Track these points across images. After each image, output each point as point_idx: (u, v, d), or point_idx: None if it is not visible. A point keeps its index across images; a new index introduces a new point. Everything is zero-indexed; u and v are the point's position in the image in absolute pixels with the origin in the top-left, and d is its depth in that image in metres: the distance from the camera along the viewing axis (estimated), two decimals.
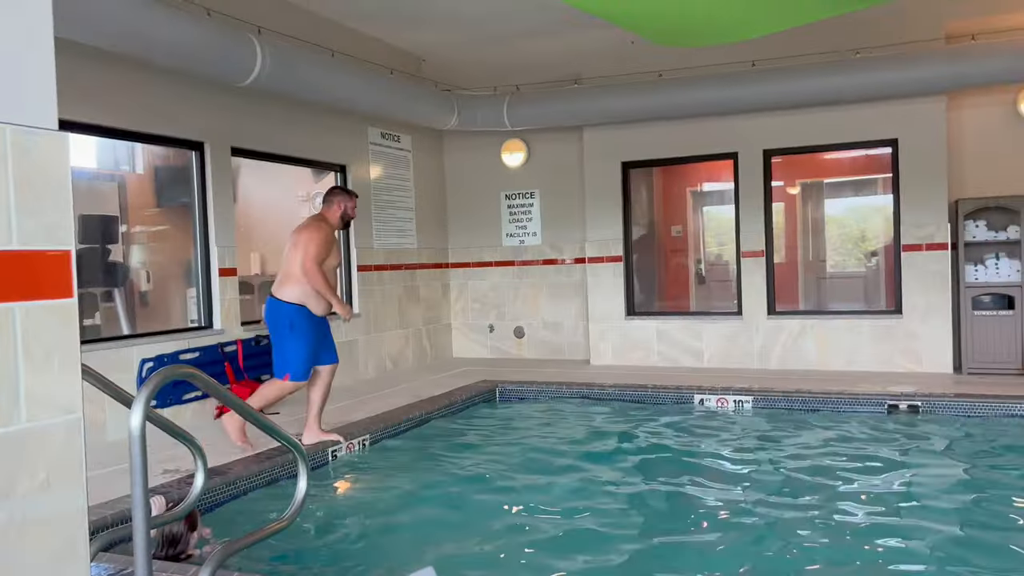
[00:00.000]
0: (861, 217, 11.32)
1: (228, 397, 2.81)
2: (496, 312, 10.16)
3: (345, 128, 8.33)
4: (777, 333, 8.57)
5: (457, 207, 10.29)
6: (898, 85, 7.58)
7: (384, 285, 8.96)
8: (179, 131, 6.49)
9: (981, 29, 7.68)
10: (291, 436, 2.99)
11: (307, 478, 2.93)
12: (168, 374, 2.37)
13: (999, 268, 7.71)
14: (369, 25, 8.13)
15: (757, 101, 8.09)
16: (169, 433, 2.97)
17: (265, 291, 8.88)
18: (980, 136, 8.11)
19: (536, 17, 7.67)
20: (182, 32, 5.53)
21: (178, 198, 7.19)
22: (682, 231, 11.21)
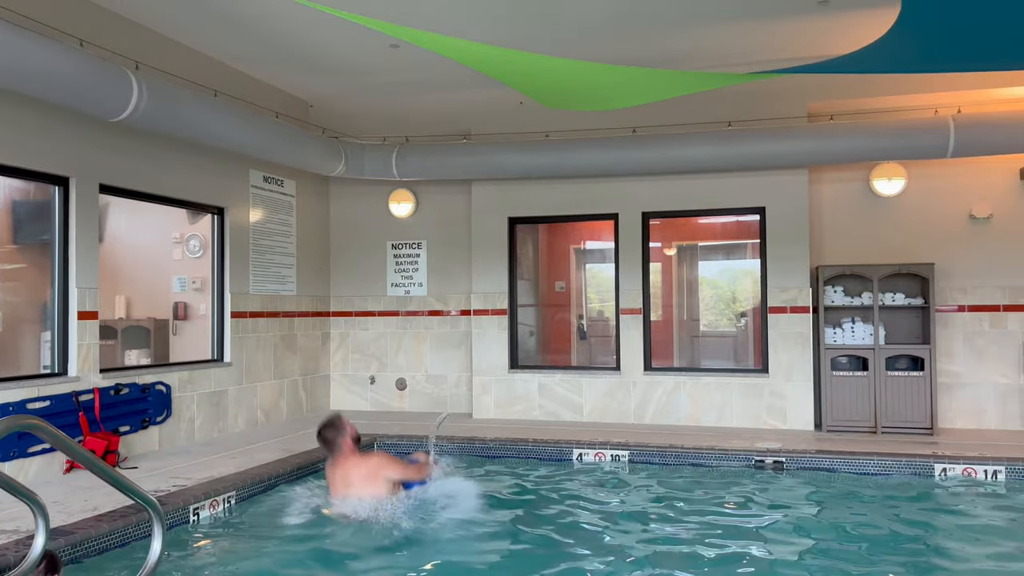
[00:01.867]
0: (732, 279, 11.90)
1: (77, 451, 2.59)
2: (378, 363, 9.98)
3: (225, 169, 8.08)
4: (653, 389, 8.80)
5: (341, 255, 10.12)
6: (765, 157, 8.09)
7: (259, 333, 8.63)
8: (42, 164, 6.10)
9: (839, 110, 8.34)
10: (146, 493, 2.79)
11: (162, 539, 2.73)
12: (10, 424, 2.17)
13: (855, 331, 8.24)
14: (256, 68, 7.99)
15: (637, 165, 8.43)
16: (7, 490, 2.70)
17: (131, 335, 8.44)
18: (838, 208, 8.73)
19: (427, 72, 7.77)
20: (51, 62, 5.24)
21: (38, 235, 6.73)
22: (565, 287, 11.43)
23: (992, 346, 8.28)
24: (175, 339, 8.56)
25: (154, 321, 8.46)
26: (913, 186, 8.47)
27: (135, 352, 8.23)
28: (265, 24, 6.73)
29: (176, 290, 8.56)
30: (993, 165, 8.27)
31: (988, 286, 8.31)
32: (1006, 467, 6.55)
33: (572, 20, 6.44)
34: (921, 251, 8.39)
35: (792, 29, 6.62)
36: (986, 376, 8.29)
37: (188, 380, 7.55)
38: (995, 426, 8.25)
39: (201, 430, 7.69)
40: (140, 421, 6.91)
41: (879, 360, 8.08)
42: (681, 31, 6.69)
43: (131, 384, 6.82)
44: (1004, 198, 8.30)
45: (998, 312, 8.28)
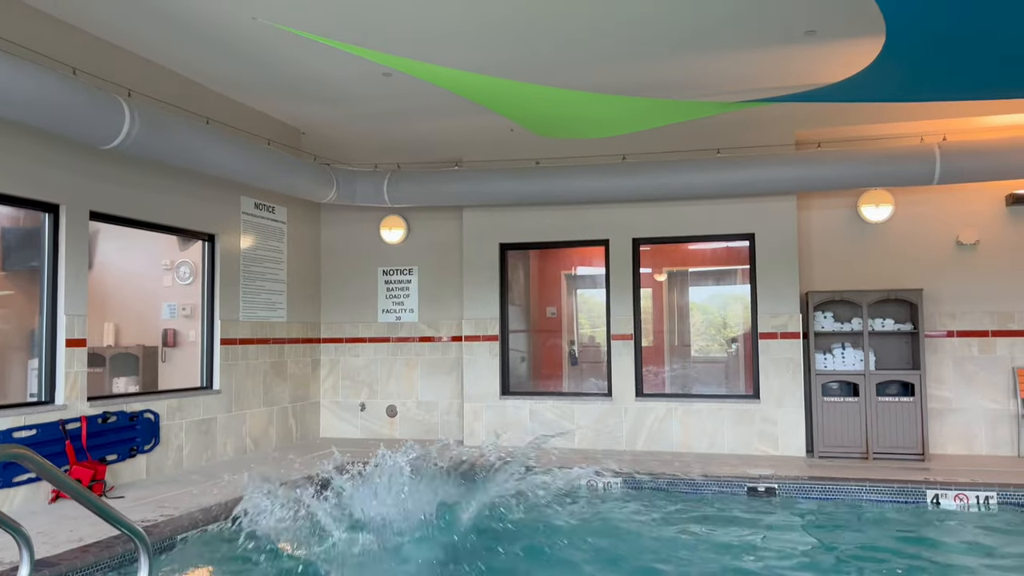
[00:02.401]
0: (722, 304, 11.93)
1: (63, 481, 2.57)
2: (368, 390, 9.93)
3: (217, 196, 8.09)
4: (645, 415, 8.78)
5: (332, 280, 10.11)
6: (753, 184, 8.15)
7: (249, 360, 8.59)
8: (33, 191, 6.09)
9: (826, 138, 8.44)
10: (133, 523, 2.76)
11: (149, 570, 2.69)
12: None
13: (845, 357, 8.27)
14: (249, 96, 8.03)
15: (627, 192, 8.48)
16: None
17: (119, 363, 8.38)
18: (827, 234, 8.80)
19: (419, 100, 7.82)
20: (44, 90, 5.25)
21: (27, 262, 6.70)
22: (557, 312, 11.44)
23: (982, 371, 8.32)
24: (164, 366, 8.50)
25: (143, 348, 8.41)
26: (901, 212, 8.55)
27: (123, 379, 8.16)
28: (258, 52, 6.77)
29: (166, 317, 8.52)
30: (979, 192, 8.36)
31: (977, 311, 8.36)
32: (998, 493, 6.55)
33: (560, 49, 6.51)
34: (909, 277, 8.44)
35: (779, 58, 6.71)
36: (976, 401, 8.31)
37: (177, 408, 7.49)
38: (986, 451, 8.25)
39: (189, 458, 7.62)
40: (128, 450, 6.84)
41: (869, 386, 8.09)
42: (669, 60, 6.77)
43: (119, 412, 6.76)
44: (990, 224, 8.38)
45: (987, 337, 8.33)
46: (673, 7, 5.72)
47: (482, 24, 6.00)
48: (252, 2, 5.67)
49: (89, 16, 6.07)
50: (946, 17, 4.00)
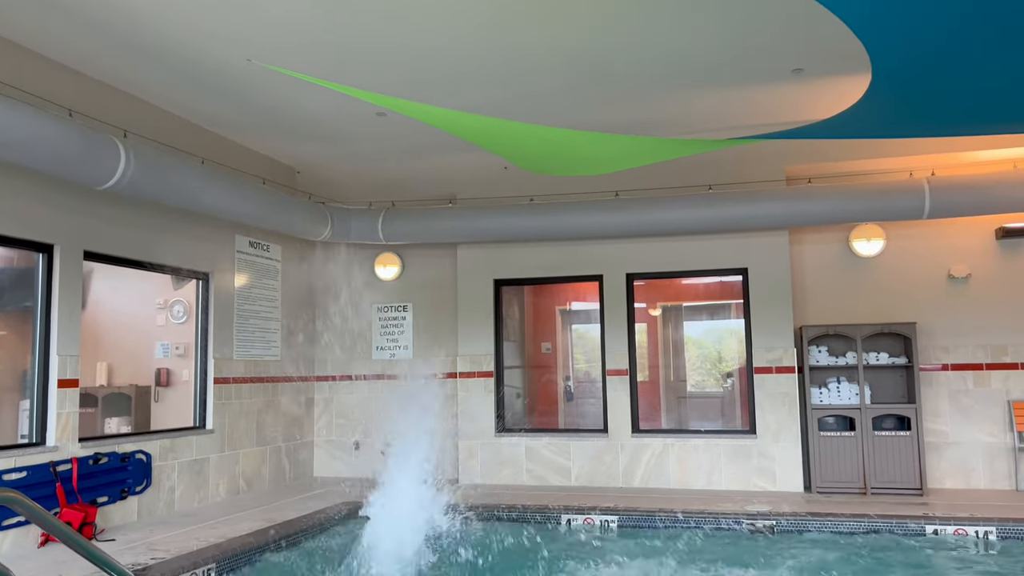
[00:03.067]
0: (717, 339, 11.94)
1: (52, 524, 2.55)
2: (362, 428, 9.86)
3: (211, 235, 8.10)
4: (641, 451, 8.72)
5: (326, 318, 10.08)
6: (745, 219, 8.21)
7: (242, 399, 8.53)
8: (27, 231, 6.09)
9: (816, 173, 8.52)
10: (122, 567, 2.72)
11: None
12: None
13: (840, 391, 8.25)
14: (244, 135, 8.09)
15: (620, 228, 8.53)
16: None
17: (112, 403, 8.31)
18: (820, 268, 8.84)
19: (413, 138, 7.89)
20: (41, 132, 5.29)
21: (20, 302, 6.68)
22: (552, 348, 11.42)
23: (977, 404, 8.31)
24: (157, 406, 8.44)
25: (136, 388, 8.35)
26: (892, 246, 8.61)
27: (115, 420, 8.10)
28: (253, 93, 6.84)
29: (159, 356, 8.48)
30: (969, 225, 8.43)
31: (970, 345, 8.38)
32: (997, 527, 6.50)
33: (552, 90, 6.59)
34: (903, 310, 8.47)
35: (768, 96, 6.80)
36: (973, 435, 8.29)
37: (169, 448, 7.42)
38: (984, 485, 8.21)
39: (181, 500, 7.53)
40: (119, 491, 6.76)
41: (866, 420, 8.07)
42: (659, 99, 6.85)
43: (110, 453, 6.70)
44: (981, 258, 8.44)
45: (981, 370, 8.33)
46: (662, 49, 5.81)
47: (476, 67, 6.08)
48: (247, 44, 5.75)
49: (85, 58, 6.14)
50: (930, 55, 4.08)
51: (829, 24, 5.16)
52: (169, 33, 5.60)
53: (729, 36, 5.60)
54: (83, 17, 5.35)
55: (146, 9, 5.22)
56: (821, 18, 5.11)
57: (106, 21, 5.42)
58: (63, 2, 5.14)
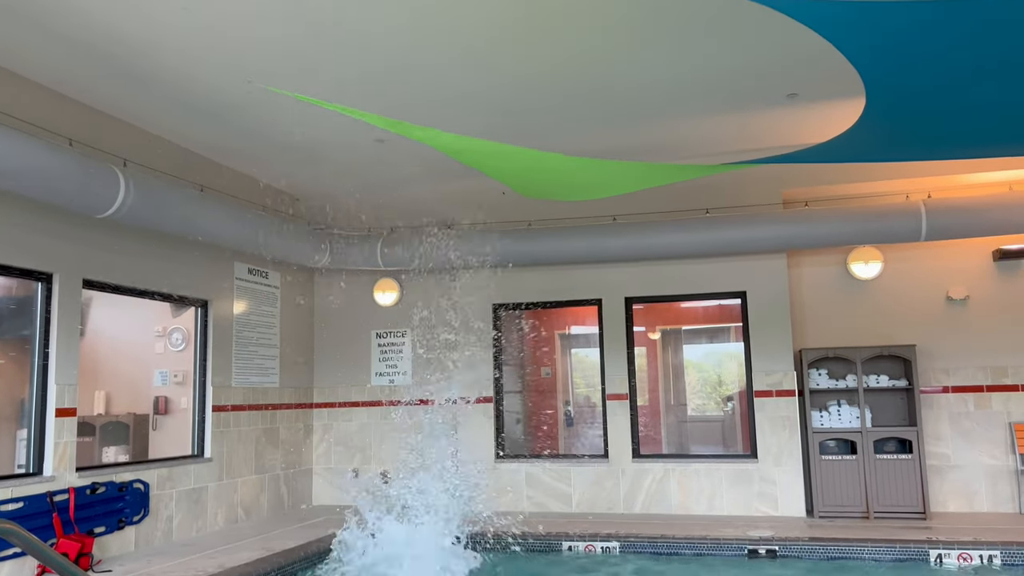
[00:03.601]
0: (717, 362, 11.92)
1: (49, 556, 2.53)
2: (361, 456, 9.80)
3: (209, 263, 8.11)
4: (642, 476, 8.67)
5: (325, 345, 10.06)
6: (743, 243, 8.23)
7: (241, 427, 8.50)
8: (26, 261, 6.11)
9: (813, 197, 8.56)
10: None
11: None
12: None
13: (841, 414, 8.23)
14: (243, 163, 8.13)
15: (618, 252, 8.54)
16: None
17: (109, 432, 8.27)
18: (818, 291, 8.85)
19: (411, 165, 7.93)
20: (42, 162, 5.31)
21: (18, 330, 6.67)
22: (551, 372, 11.40)
23: (978, 427, 8.28)
24: (155, 434, 8.40)
25: (134, 416, 8.31)
26: (890, 269, 8.62)
27: (113, 449, 8.05)
28: (252, 121, 6.88)
29: (157, 384, 8.46)
30: (967, 247, 8.46)
31: (970, 367, 8.37)
32: (1001, 552, 6.45)
33: (549, 115, 6.64)
34: (902, 333, 8.47)
35: (763, 121, 6.85)
36: (975, 458, 8.25)
37: (167, 477, 7.38)
38: (988, 509, 8.16)
39: (179, 529, 7.47)
40: (116, 521, 6.71)
41: (867, 443, 8.04)
42: (655, 124, 6.90)
43: (108, 483, 6.65)
44: (979, 279, 8.45)
45: (982, 393, 8.31)
46: (658, 75, 5.86)
47: (473, 91, 6.13)
48: (245, 71, 5.80)
49: (85, 88, 6.19)
50: (922, 80, 4.12)
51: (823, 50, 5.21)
52: (168, 62, 5.65)
53: (724, 62, 5.66)
54: (84, 47, 5.40)
55: (145, 39, 5.27)
56: (815, 44, 5.15)
57: (106, 51, 5.47)
58: (64, 32, 5.20)
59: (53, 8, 4.84)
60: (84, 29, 5.12)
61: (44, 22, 5.03)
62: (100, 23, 5.03)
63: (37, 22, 5.03)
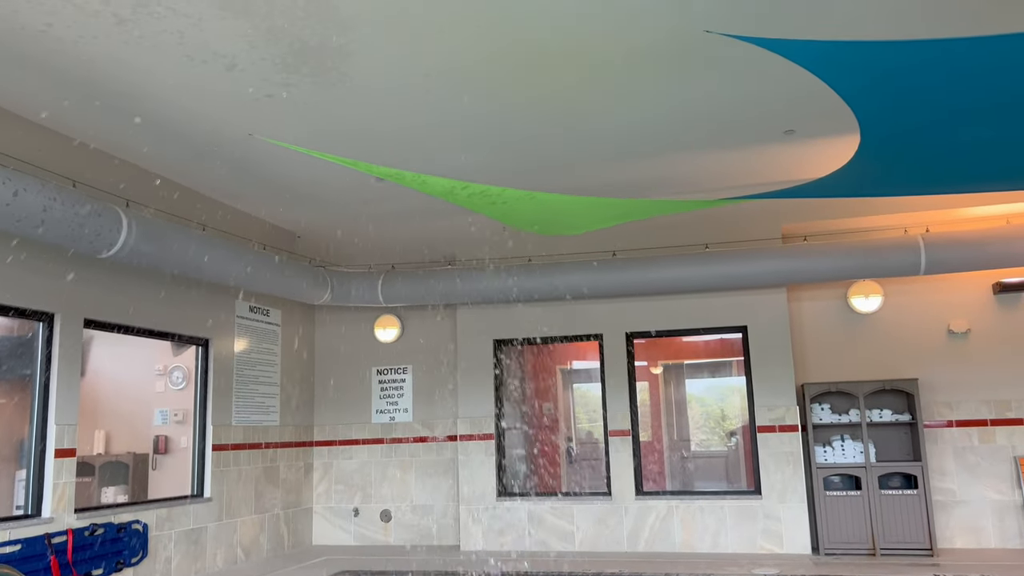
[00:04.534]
0: (720, 396, 11.86)
1: None
2: (362, 494, 9.72)
3: (211, 301, 8.13)
4: (645, 515, 8.59)
5: (326, 382, 10.05)
6: (743, 277, 8.24)
7: (240, 466, 8.44)
8: (28, 301, 6.13)
9: (812, 231, 8.60)
10: None
11: None
12: None
13: (844, 450, 8.17)
14: (244, 202, 8.20)
15: (618, 287, 8.56)
16: None
17: (109, 471, 8.22)
18: (819, 325, 8.84)
19: (411, 202, 7.98)
20: (45, 203, 5.35)
21: (19, 370, 6.67)
22: (553, 408, 11.34)
23: (983, 462, 8.22)
24: (154, 474, 8.35)
25: (133, 456, 8.27)
26: (891, 302, 8.63)
27: (112, 489, 8.00)
28: (254, 163, 6.95)
29: (158, 423, 8.43)
30: (967, 281, 8.47)
31: (973, 400, 8.33)
32: None
33: (544, 154, 6.70)
34: (904, 366, 8.45)
35: (761, 156, 6.91)
36: (981, 493, 8.18)
37: (166, 517, 7.32)
38: (995, 544, 8.06)
39: (178, 570, 7.39)
40: (115, 563, 6.64)
41: (872, 478, 7.97)
42: (651, 160, 6.95)
43: (106, 524, 6.60)
44: (980, 313, 8.45)
45: (986, 427, 8.27)
46: (655, 111, 5.93)
47: (470, 125, 6.20)
48: (249, 119, 5.87)
49: (89, 130, 6.26)
50: (915, 118, 4.17)
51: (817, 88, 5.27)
52: (172, 107, 5.72)
53: (721, 99, 5.72)
54: (90, 91, 5.48)
55: (150, 85, 5.35)
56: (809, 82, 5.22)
57: (111, 96, 5.54)
58: (69, 76, 5.27)
59: (59, 53, 4.91)
60: (88, 74, 5.19)
61: (51, 67, 5.11)
62: (104, 70, 5.11)
63: (44, 68, 5.11)
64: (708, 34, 4.63)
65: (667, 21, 4.56)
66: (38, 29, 4.60)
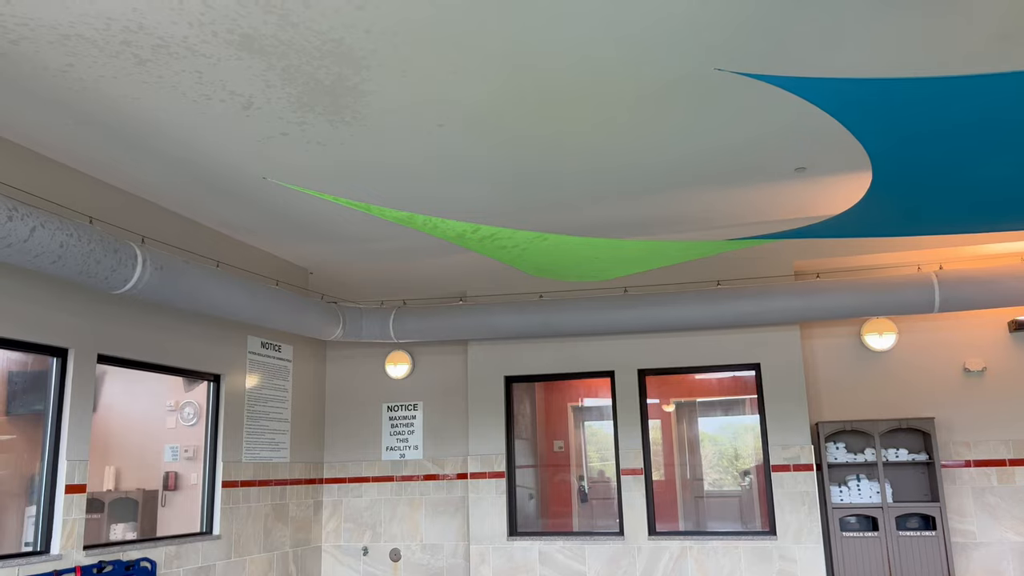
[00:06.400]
0: (733, 435, 11.73)
1: None
2: (371, 533, 9.63)
3: (223, 337, 8.16)
4: (658, 555, 8.46)
5: (336, 418, 10.01)
6: (755, 315, 8.21)
7: (250, 503, 8.39)
8: (43, 336, 6.16)
9: (824, 268, 8.58)
10: None
11: None
12: None
13: (861, 489, 8.05)
14: (258, 238, 8.27)
15: (630, 324, 8.53)
16: None
17: (118, 508, 8.19)
18: (833, 363, 8.77)
19: (423, 239, 8.04)
20: (64, 240, 5.41)
21: (31, 405, 6.69)
22: (564, 446, 11.24)
23: (1003, 502, 8.07)
24: (163, 510, 8.31)
25: (143, 492, 8.24)
26: (905, 340, 8.56)
27: (121, 526, 7.96)
28: (266, 200, 7.03)
29: (168, 459, 8.41)
30: (982, 319, 8.40)
31: (992, 440, 8.21)
32: None
33: (555, 188, 6.74)
34: (919, 405, 8.35)
35: (772, 194, 6.92)
36: (1001, 535, 8.02)
37: (175, 555, 7.26)
38: None
39: None
40: None
41: (889, 519, 7.84)
42: (659, 198, 6.98)
43: (115, 561, 6.55)
44: (996, 351, 8.36)
45: (1005, 467, 8.13)
46: (665, 150, 5.97)
47: (478, 162, 6.25)
48: (263, 157, 5.95)
49: (107, 167, 6.35)
50: (928, 157, 4.17)
51: (829, 125, 5.30)
52: (188, 144, 5.81)
53: (731, 136, 5.76)
54: (108, 129, 5.57)
55: (167, 122, 5.43)
56: (820, 119, 5.26)
57: (131, 133, 5.63)
58: (89, 115, 5.36)
59: (79, 93, 5.00)
60: (108, 113, 5.28)
61: (71, 106, 5.20)
62: (123, 109, 5.20)
63: (64, 106, 5.21)
64: (719, 72, 4.67)
65: (678, 59, 4.62)
66: (60, 69, 4.70)
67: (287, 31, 4.28)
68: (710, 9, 4.09)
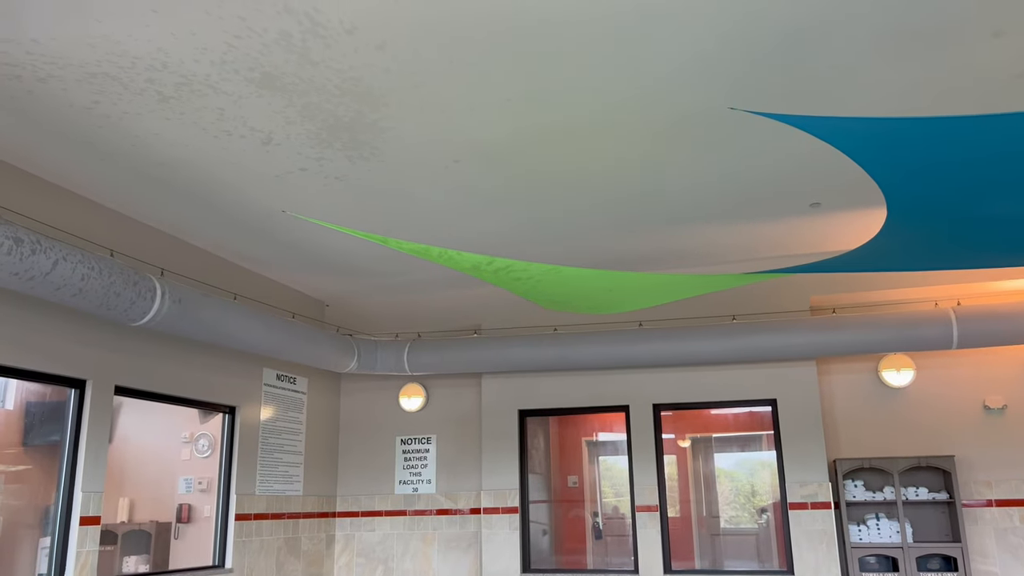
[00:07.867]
0: (750, 471, 11.59)
1: None
2: (383, 567, 9.55)
3: (239, 369, 8.20)
4: None
5: (350, 451, 9.99)
6: (771, 350, 8.16)
7: (263, 536, 8.36)
8: (61, 368, 6.21)
9: (841, 304, 8.53)
10: None
11: None
12: None
13: (880, 528, 7.91)
14: (274, 271, 8.34)
15: (645, 358, 8.50)
16: None
17: (131, 540, 8.18)
18: (850, 399, 8.68)
19: (438, 271, 8.09)
20: (85, 272, 5.49)
21: (48, 436, 6.73)
22: (578, 482, 11.15)
23: None
24: (176, 543, 8.29)
25: (156, 524, 8.24)
26: (923, 377, 8.47)
27: (134, 558, 7.95)
28: (284, 234, 7.10)
29: (182, 491, 8.41)
30: (1001, 355, 8.31)
31: (1014, 479, 8.07)
32: None
33: (570, 221, 6.78)
34: (939, 442, 8.23)
35: (788, 229, 6.93)
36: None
37: None
38: None
39: None
40: None
41: (909, 560, 7.69)
42: (671, 232, 7.00)
43: None
44: (1016, 388, 8.25)
45: None
46: (681, 184, 6.00)
47: (495, 204, 6.31)
48: (282, 191, 6.03)
49: (129, 201, 6.45)
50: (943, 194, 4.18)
51: (842, 162, 5.32)
52: (209, 178, 5.90)
53: (746, 172, 5.78)
54: (131, 164, 5.67)
55: (188, 157, 5.53)
56: (834, 157, 5.27)
57: (152, 168, 5.73)
58: (112, 150, 5.47)
59: (104, 129, 5.11)
60: (131, 148, 5.39)
61: (95, 142, 5.31)
62: (146, 144, 5.30)
63: (89, 142, 5.31)
64: (732, 111, 4.71)
65: (692, 98, 4.66)
66: (85, 106, 4.81)
67: (307, 69, 4.36)
68: (727, 49, 4.14)
